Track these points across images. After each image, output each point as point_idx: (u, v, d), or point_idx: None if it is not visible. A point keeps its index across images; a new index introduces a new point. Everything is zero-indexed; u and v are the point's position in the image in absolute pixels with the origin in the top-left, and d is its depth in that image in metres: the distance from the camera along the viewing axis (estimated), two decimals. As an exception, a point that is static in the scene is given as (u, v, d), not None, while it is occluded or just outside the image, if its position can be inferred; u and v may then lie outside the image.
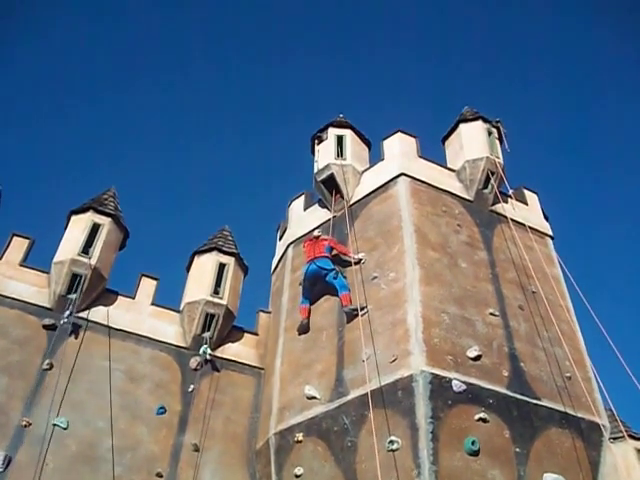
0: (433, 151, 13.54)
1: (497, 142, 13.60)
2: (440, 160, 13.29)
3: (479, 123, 13.69)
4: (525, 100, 42.75)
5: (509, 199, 13.11)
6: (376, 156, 13.47)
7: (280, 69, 45.19)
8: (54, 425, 9.84)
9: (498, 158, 13.10)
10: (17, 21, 31.09)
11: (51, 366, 10.47)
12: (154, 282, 12.51)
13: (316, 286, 11.53)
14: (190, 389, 11.19)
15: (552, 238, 13.15)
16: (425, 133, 14.53)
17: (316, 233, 12.38)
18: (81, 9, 37.03)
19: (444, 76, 43.05)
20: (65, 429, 9.89)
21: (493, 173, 12.71)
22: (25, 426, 9.73)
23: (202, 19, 41.96)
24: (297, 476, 9.67)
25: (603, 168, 40.59)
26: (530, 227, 12.56)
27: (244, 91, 44.18)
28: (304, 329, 11.27)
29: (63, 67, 39.37)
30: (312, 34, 44.17)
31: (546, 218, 13.63)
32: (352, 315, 10.58)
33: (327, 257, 11.49)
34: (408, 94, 44.28)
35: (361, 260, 11.32)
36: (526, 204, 13.57)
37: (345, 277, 11.33)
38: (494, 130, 13.76)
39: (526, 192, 13.99)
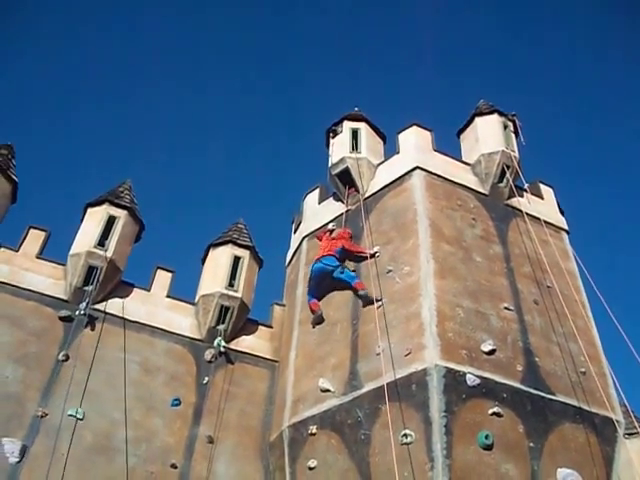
0: (448, 145, 13.53)
1: (513, 136, 13.53)
2: (455, 154, 13.26)
3: (495, 117, 13.63)
4: (541, 93, 42.51)
5: (524, 193, 13.05)
6: (391, 149, 13.46)
7: (296, 62, 45.18)
8: (70, 416, 9.92)
9: (514, 152, 13.04)
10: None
11: (67, 357, 10.55)
12: (169, 274, 12.57)
13: (323, 284, 11.57)
14: (205, 381, 11.25)
15: (568, 232, 13.08)
16: (440, 126, 14.51)
17: (331, 226, 12.40)
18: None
19: (460, 69, 42.87)
20: (81, 420, 9.97)
21: (509, 167, 12.66)
22: (41, 417, 9.82)
23: (219, 12, 42.00)
24: (310, 468, 9.70)
25: (620, 162, 40.29)
26: (545, 221, 12.50)
27: (260, 85, 44.23)
28: (318, 319, 11.28)
29: (79, 60, 39.55)
30: (328, 27, 44.08)
31: (562, 212, 13.56)
32: (368, 300, 10.57)
33: (333, 255, 11.54)
34: (424, 87, 44.15)
35: (376, 253, 11.32)
36: (542, 198, 13.50)
37: (354, 271, 11.38)
38: (510, 123, 13.70)
39: (542, 186, 13.92)
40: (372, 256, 11.32)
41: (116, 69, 40.95)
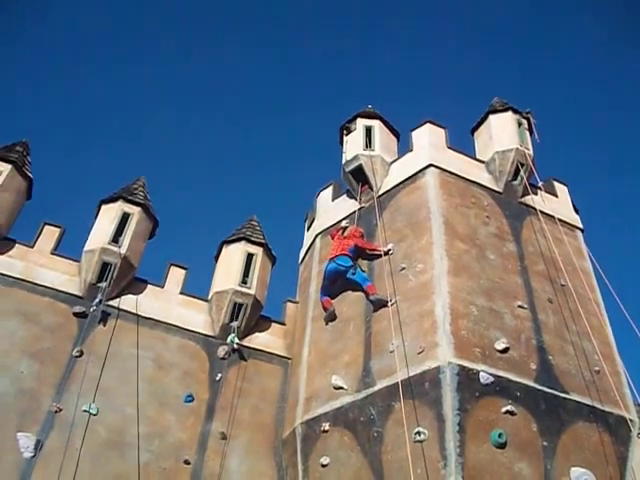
0: (462, 142, 13.48)
1: (527, 133, 13.46)
2: (469, 151, 13.21)
3: (509, 114, 13.57)
4: (555, 91, 42.28)
5: (539, 191, 12.99)
6: (405, 147, 13.43)
7: (310, 59, 45.17)
8: (84, 411, 9.98)
9: (528, 149, 12.98)
10: None
11: (81, 353, 10.61)
12: (183, 271, 12.61)
13: (336, 283, 11.59)
14: (218, 378, 11.28)
15: (582, 231, 13.01)
16: (454, 124, 14.49)
17: (344, 223, 12.39)
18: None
19: (474, 66, 42.71)
20: (95, 415, 10.02)
21: (523, 164, 12.61)
22: (56, 412, 9.89)
23: (235, 7, 42.07)
24: (323, 465, 9.71)
25: (635, 159, 40.03)
26: (560, 219, 12.43)
27: (273, 81, 44.24)
28: (331, 317, 11.28)
29: (91, 53, 39.71)
30: (342, 24, 44.05)
31: (576, 211, 13.49)
32: (380, 304, 10.56)
33: (347, 255, 11.54)
34: (438, 85, 44.04)
35: (389, 250, 11.31)
36: (556, 196, 13.44)
37: (364, 271, 11.40)
38: (524, 121, 13.63)
39: (556, 184, 13.86)
40: (386, 253, 11.31)
41: (131, 64, 41.05)
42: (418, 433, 8.76)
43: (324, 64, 44.93)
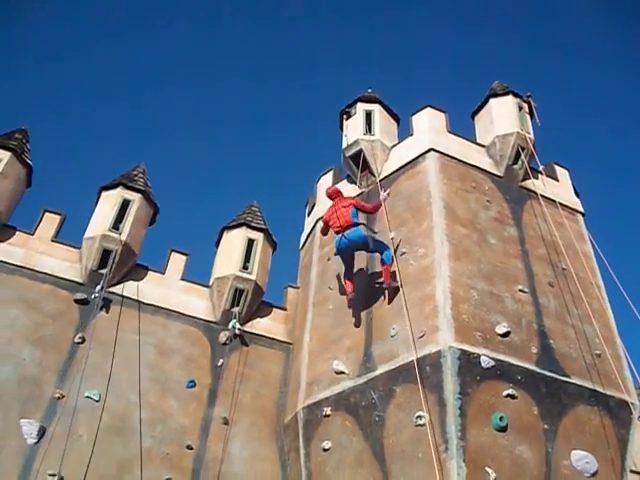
0: (463, 126, 13.41)
1: (528, 117, 13.40)
2: (470, 135, 13.16)
3: (509, 98, 13.51)
4: (557, 75, 42.10)
5: (539, 175, 12.95)
6: (405, 131, 13.38)
7: (309, 43, 44.96)
8: (86, 397, 10.02)
9: (529, 133, 12.93)
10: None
11: (83, 340, 10.64)
12: (184, 257, 12.62)
13: (348, 259, 10.96)
14: (219, 363, 11.31)
15: (583, 215, 12.97)
16: (455, 108, 14.46)
17: (336, 188, 11.79)
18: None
19: (474, 50, 42.51)
20: (97, 401, 10.07)
21: (523, 148, 12.57)
22: (58, 398, 9.92)
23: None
24: (325, 450, 9.76)
25: (636, 142, 39.92)
26: (560, 203, 12.40)
27: (273, 67, 44.07)
28: (350, 304, 10.88)
29: (91, 40, 39.53)
30: (343, 8, 43.82)
31: (577, 194, 13.45)
32: (394, 291, 10.38)
33: (355, 224, 10.68)
34: (438, 68, 43.85)
35: (387, 194, 11.07)
36: (557, 180, 13.40)
37: (376, 232, 11.08)
38: (525, 105, 13.56)
39: (557, 168, 13.80)
40: (384, 201, 11.12)
41: (129, 51, 40.90)
42: (419, 417, 8.79)
43: (324, 48, 44.75)
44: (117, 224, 11.83)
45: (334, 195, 11.44)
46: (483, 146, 12.82)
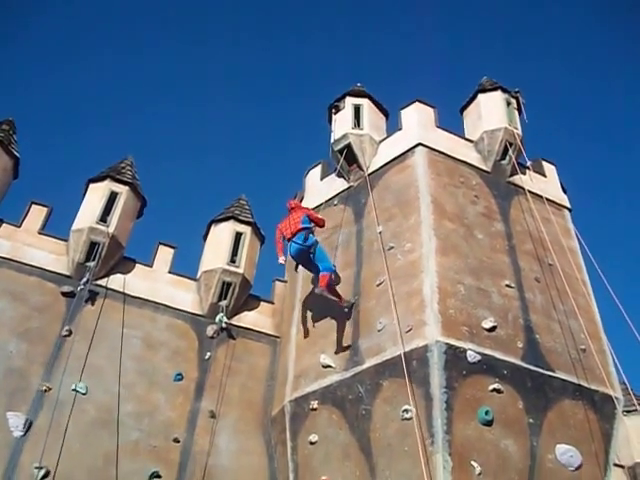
0: (451, 121, 13.43)
1: (516, 113, 13.45)
2: (458, 131, 13.18)
3: (498, 93, 13.54)
4: (543, 70, 42.23)
5: (527, 171, 13.00)
6: (393, 126, 13.38)
7: (298, 36, 44.87)
8: (73, 390, 10.00)
9: (517, 129, 12.97)
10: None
11: (70, 332, 10.61)
12: (171, 250, 12.60)
13: (311, 265, 10.92)
14: (207, 356, 11.32)
15: (570, 210, 13.05)
16: (443, 103, 14.44)
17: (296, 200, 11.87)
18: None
19: (463, 46, 42.56)
20: (84, 394, 10.05)
21: (511, 144, 12.60)
22: (45, 391, 9.90)
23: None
24: (312, 443, 9.80)
25: (622, 139, 40.13)
26: (547, 199, 12.45)
27: (261, 59, 43.94)
28: (349, 304, 10.71)
29: (77, 35, 39.27)
30: (330, 2, 43.70)
31: (564, 190, 13.52)
32: (345, 306, 10.56)
33: (302, 230, 10.70)
34: (427, 64, 43.87)
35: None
36: (544, 176, 13.46)
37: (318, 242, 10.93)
38: (513, 100, 13.61)
39: (544, 164, 13.84)
40: (321, 225, 11.29)
41: (117, 39, 40.68)
42: (406, 411, 8.83)
43: (312, 43, 44.68)
44: (104, 217, 11.78)
45: (293, 206, 11.40)
46: (471, 141, 12.85)
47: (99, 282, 11.37)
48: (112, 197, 12.12)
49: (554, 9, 41.39)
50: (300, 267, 11.35)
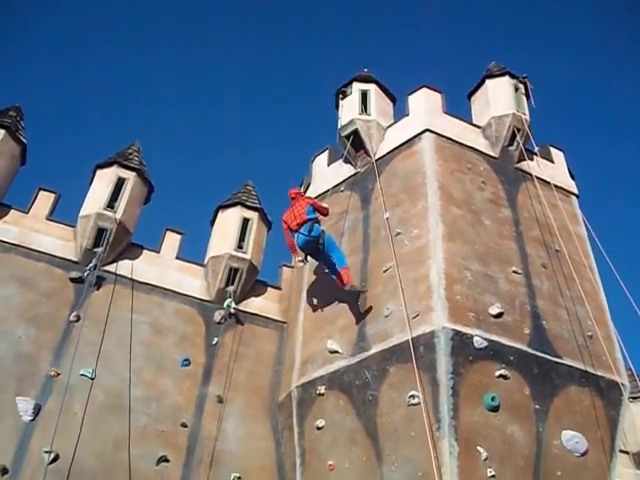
0: (459, 107, 13.39)
1: (524, 98, 13.36)
2: (466, 116, 13.13)
3: (506, 79, 13.46)
4: (552, 56, 41.94)
5: (535, 157, 12.94)
6: (401, 111, 13.33)
7: (305, 23, 44.65)
8: (82, 375, 10.07)
9: (524, 115, 12.90)
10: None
11: (78, 318, 10.66)
12: (179, 236, 12.63)
13: (320, 255, 10.90)
14: (214, 342, 11.37)
15: (577, 197, 13.00)
16: (451, 89, 14.38)
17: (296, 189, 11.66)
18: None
19: (471, 31, 42.29)
20: (92, 379, 10.11)
21: (519, 130, 12.55)
22: (53, 376, 9.97)
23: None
24: (319, 428, 9.85)
25: (631, 125, 39.90)
26: (555, 185, 12.40)
27: (269, 46, 43.78)
28: (357, 292, 10.60)
29: (84, 21, 39.19)
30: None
31: (572, 176, 13.47)
32: (356, 295, 10.48)
33: (307, 220, 10.59)
34: (435, 49, 43.63)
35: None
36: (552, 162, 13.40)
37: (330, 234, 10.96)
38: (521, 86, 13.52)
39: (552, 150, 13.78)
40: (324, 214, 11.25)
41: (124, 27, 40.55)
42: (412, 396, 8.87)
43: (320, 28, 44.46)
44: (112, 203, 11.81)
45: (294, 196, 11.24)
46: (479, 127, 12.80)
47: (107, 268, 11.42)
48: (119, 183, 12.14)
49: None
50: (309, 257, 11.27)
